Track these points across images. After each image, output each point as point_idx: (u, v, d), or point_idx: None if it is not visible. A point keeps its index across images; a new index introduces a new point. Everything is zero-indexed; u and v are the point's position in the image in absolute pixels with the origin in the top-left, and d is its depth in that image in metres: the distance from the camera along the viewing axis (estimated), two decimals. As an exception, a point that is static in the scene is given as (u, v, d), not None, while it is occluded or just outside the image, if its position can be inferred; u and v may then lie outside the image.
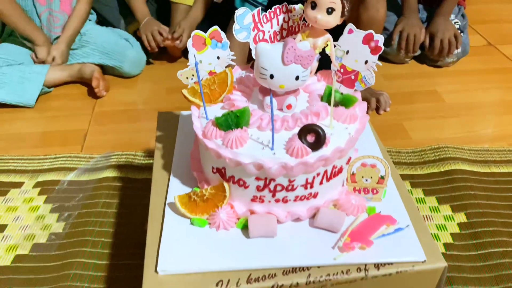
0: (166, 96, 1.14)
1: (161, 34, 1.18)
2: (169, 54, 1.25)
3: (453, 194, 0.84)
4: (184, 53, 1.25)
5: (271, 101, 0.44)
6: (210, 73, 0.54)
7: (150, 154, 0.93)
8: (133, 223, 0.78)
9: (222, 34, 0.53)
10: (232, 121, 0.48)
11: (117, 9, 1.26)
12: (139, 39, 1.20)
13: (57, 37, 1.15)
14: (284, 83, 0.48)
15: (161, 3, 1.30)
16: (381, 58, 1.26)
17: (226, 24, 0.87)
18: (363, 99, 0.55)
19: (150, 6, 1.29)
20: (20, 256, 0.73)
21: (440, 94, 1.14)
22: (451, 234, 0.77)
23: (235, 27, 0.53)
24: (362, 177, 0.52)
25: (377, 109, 1.06)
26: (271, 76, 0.48)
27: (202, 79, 0.52)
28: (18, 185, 0.87)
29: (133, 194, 0.84)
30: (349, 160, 0.52)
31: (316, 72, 0.57)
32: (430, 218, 0.80)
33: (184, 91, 0.53)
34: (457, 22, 1.23)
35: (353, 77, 0.53)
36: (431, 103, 1.11)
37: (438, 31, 1.18)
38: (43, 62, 1.12)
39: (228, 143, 0.46)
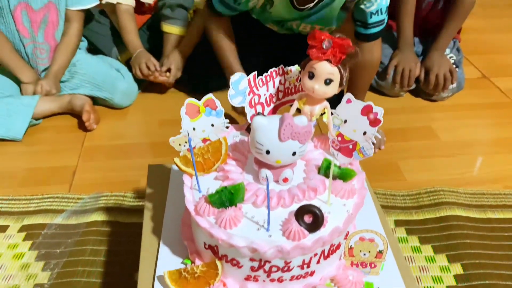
0: (158, 128, 1.12)
1: (148, 67, 1.15)
2: (160, 84, 1.22)
3: (449, 243, 0.83)
4: (176, 82, 1.23)
5: (267, 183, 0.42)
6: (204, 140, 0.52)
7: (139, 195, 0.91)
8: (122, 273, 0.76)
9: (217, 102, 0.51)
10: (226, 198, 0.46)
11: (110, 38, 1.24)
12: (131, 69, 1.18)
13: (45, 69, 1.13)
14: (280, 158, 0.46)
15: (153, 32, 1.28)
16: (376, 91, 1.26)
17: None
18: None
19: (142, 34, 1.27)
20: (2, 310, 0.70)
21: (435, 131, 1.13)
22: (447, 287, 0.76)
23: (230, 92, 0.52)
24: (360, 251, 0.50)
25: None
26: (267, 152, 0.46)
27: (194, 147, 0.50)
28: (3, 229, 0.84)
29: (122, 240, 0.82)
30: (347, 234, 0.50)
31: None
32: (426, 269, 0.79)
33: (176, 160, 0.50)
34: (452, 56, 1.22)
35: (351, 146, 0.51)
36: (426, 140, 1.10)
37: (433, 66, 1.17)
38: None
39: (222, 223, 0.44)
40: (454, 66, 1.20)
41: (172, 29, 1.20)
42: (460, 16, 1.17)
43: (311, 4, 0.93)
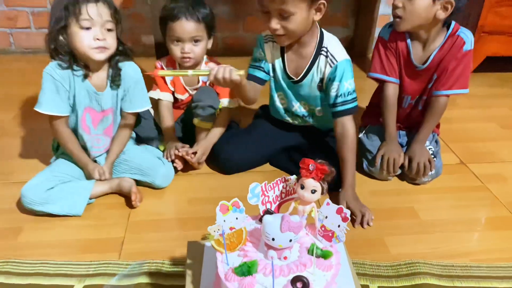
0: (188, 206, 1.37)
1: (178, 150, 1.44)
2: (192, 167, 1.50)
3: (422, 306, 1.04)
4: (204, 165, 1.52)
5: (272, 261, 0.67)
6: (231, 228, 0.77)
7: (175, 262, 1.14)
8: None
9: (240, 203, 0.76)
10: (245, 269, 0.70)
11: (152, 131, 1.54)
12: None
13: (99, 156, 1.41)
14: (281, 243, 0.71)
15: (185, 124, 1.58)
16: (368, 175, 1.50)
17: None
18: (352, 212, 0.82)
19: (177, 126, 1.57)
20: None
21: (416, 211, 1.36)
22: None
23: (249, 195, 0.77)
24: (337, 308, 0.73)
25: (362, 222, 1.28)
26: (273, 239, 0.71)
27: (225, 233, 0.75)
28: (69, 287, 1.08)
29: (162, 299, 1.05)
30: (328, 296, 0.73)
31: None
32: (401, 327, 0.99)
33: (212, 242, 0.75)
34: (431, 148, 1.48)
35: (330, 234, 0.76)
36: (408, 219, 1.32)
37: (415, 156, 1.42)
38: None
39: (243, 287, 0.68)
40: (433, 156, 1.45)
41: (202, 124, 1.49)
42: (435, 116, 1.44)
43: (296, 78, 1.35)
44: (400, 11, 1.31)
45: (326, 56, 1.31)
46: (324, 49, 1.32)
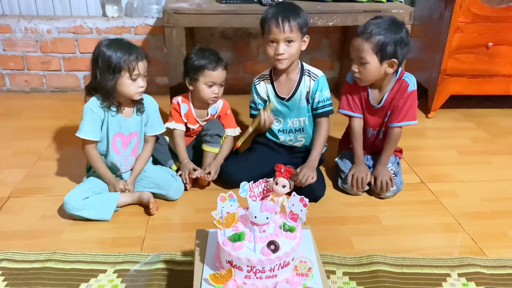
0: (196, 214, 1.70)
1: (194, 170, 1.78)
2: (199, 184, 1.84)
3: (376, 285, 1.34)
4: (208, 184, 1.85)
5: (254, 233, 1.00)
6: (227, 212, 1.10)
7: (184, 253, 1.46)
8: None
9: (234, 194, 1.10)
10: (236, 238, 1.02)
11: (166, 154, 1.89)
12: (180, 174, 1.81)
13: (125, 172, 1.76)
14: (261, 220, 1.04)
15: (195, 150, 1.94)
16: (342, 191, 1.83)
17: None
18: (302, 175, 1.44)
19: (189, 151, 1.92)
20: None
21: (380, 218, 1.68)
22: (369, 310, 1.26)
23: (240, 191, 1.11)
24: (300, 267, 1.04)
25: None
26: (255, 217, 1.04)
27: (223, 216, 1.08)
28: (104, 271, 1.39)
29: (175, 280, 1.36)
30: (293, 258, 1.05)
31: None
32: (358, 300, 1.30)
33: (215, 222, 1.08)
34: (393, 169, 1.81)
35: (296, 216, 1.09)
36: (372, 224, 1.64)
37: (378, 175, 1.76)
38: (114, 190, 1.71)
39: (234, 249, 1.01)
40: (394, 175, 1.79)
41: (210, 149, 1.84)
42: (392, 143, 1.78)
43: (287, 97, 1.76)
44: (358, 74, 1.68)
45: (309, 75, 1.75)
46: (306, 71, 1.76)
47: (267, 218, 1.04)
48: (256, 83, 1.83)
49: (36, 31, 2.67)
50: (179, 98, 1.90)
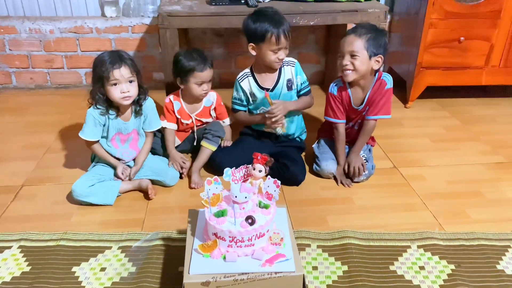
0: (190, 198, 1.91)
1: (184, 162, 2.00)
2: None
3: (344, 256, 1.55)
4: (202, 170, 2.06)
5: (234, 210, 1.20)
6: (213, 194, 1.30)
7: (180, 232, 1.66)
8: (173, 264, 1.50)
9: (219, 179, 1.30)
10: (220, 214, 1.23)
11: (160, 146, 2.10)
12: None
13: (128, 162, 1.96)
14: (241, 199, 1.24)
15: (190, 144, 2.14)
16: (317, 175, 2.02)
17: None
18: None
19: (186, 143, 2.13)
20: (114, 282, 1.44)
21: (353, 200, 1.88)
22: (338, 276, 1.48)
23: (224, 175, 1.31)
24: (274, 238, 1.25)
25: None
26: (236, 196, 1.24)
27: (210, 197, 1.29)
28: (109, 248, 1.61)
29: (170, 253, 1.57)
30: (268, 230, 1.26)
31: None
32: (328, 268, 1.51)
33: (203, 202, 1.28)
34: (364, 155, 2.02)
35: (271, 196, 1.29)
36: (346, 205, 1.85)
37: (351, 162, 1.96)
38: (119, 178, 1.91)
39: (219, 223, 1.21)
40: (365, 160, 1.99)
41: (208, 146, 2.04)
42: (366, 134, 1.98)
43: (270, 87, 1.99)
44: (350, 66, 1.87)
45: (288, 64, 2.00)
46: (284, 61, 1.98)
47: (246, 197, 1.24)
48: (240, 81, 2.04)
49: (40, 32, 2.85)
50: (171, 97, 2.09)
